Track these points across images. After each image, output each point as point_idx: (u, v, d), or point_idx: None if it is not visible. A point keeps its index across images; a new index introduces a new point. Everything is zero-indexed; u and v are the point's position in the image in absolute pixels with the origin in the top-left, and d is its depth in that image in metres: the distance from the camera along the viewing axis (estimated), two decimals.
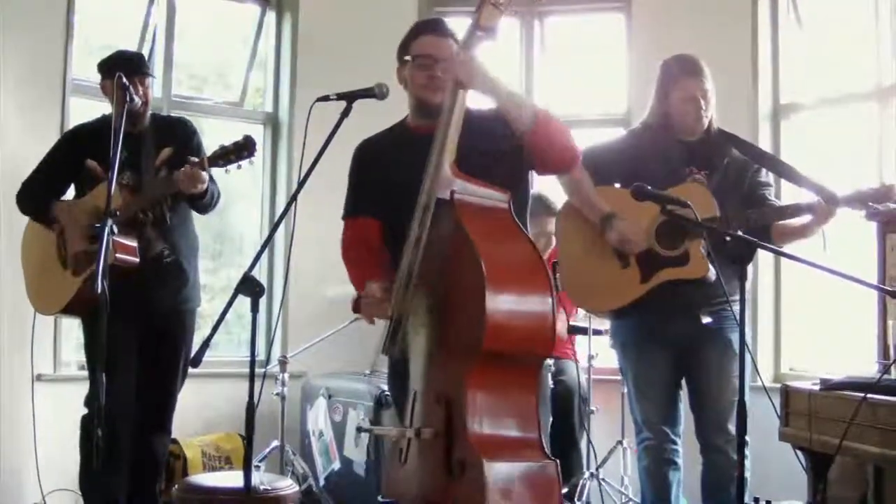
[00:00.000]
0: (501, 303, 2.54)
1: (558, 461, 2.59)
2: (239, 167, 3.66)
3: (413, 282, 2.72)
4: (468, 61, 2.72)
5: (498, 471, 2.47)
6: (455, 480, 2.54)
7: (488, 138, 2.82)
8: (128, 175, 3.86)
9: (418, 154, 2.77)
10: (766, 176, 3.65)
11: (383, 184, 3.04)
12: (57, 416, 4.33)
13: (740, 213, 3.45)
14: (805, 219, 3.44)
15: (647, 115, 3.70)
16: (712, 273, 3.39)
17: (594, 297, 3.75)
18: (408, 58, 2.96)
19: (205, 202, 3.90)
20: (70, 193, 4.08)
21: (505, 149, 2.84)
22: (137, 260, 3.74)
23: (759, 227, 3.45)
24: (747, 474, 3.38)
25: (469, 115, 2.78)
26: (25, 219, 4.12)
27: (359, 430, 3.01)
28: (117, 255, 3.51)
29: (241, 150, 3.62)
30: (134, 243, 3.75)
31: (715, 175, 3.56)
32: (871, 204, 3.35)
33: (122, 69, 3.74)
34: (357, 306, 2.97)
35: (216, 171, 3.75)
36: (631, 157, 3.62)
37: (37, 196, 4.01)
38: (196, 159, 3.65)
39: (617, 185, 3.63)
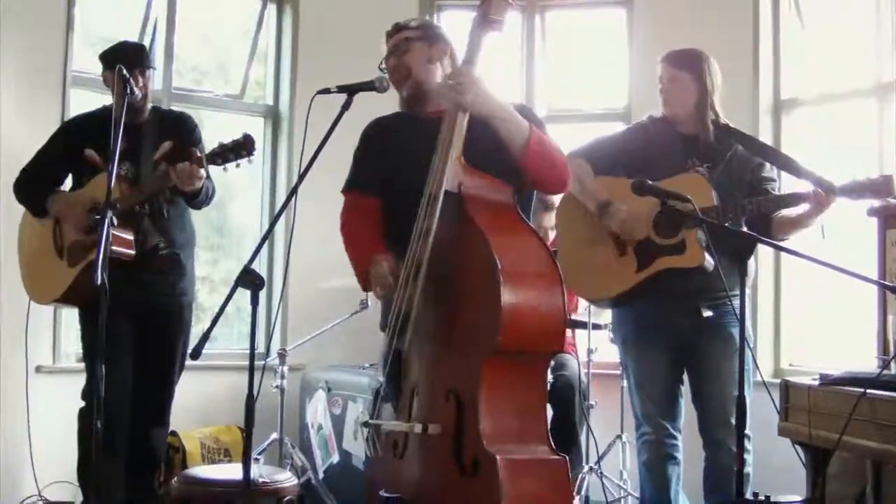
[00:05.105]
0: (517, 298, 2.54)
1: (567, 457, 2.59)
2: (237, 166, 3.63)
3: (422, 274, 2.70)
4: (471, 83, 2.73)
5: (513, 469, 2.46)
6: (467, 478, 2.53)
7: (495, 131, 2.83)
8: (127, 166, 3.86)
9: (426, 135, 2.81)
10: (770, 171, 3.65)
11: (389, 162, 3.06)
12: (56, 407, 4.33)
13: (738, 202, 3.46)
14: (803, 209, 3.45)
15: None
16: (709, 263, 3.39)
17: (590, 285, 3.75)
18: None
19: (199, 199, 3.89)
20: (67, 184, 4.08)
21: None
22: (133, 252, 3.74)
23: (758, 217, 3.46)
24: (749, 469, 3.41)
25: None
26: (24, 209, 4.11)
27: (365, 425, 2.98)
28: (113, 247, 3.47)
29: (240, 148, 3.59)
30: (130, 236, 3.75)
31: (718, 168, 3.57)
32: (869, 195, 3.36)
33: (124, 61, 3.73)
34: (366, 282, 2.98)
35: (213, 168, 3.74)
36: (637, 148, 3.65)
37: (34, 185, 4.00)
38: (197, 155, 3.64)
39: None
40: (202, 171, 3.66)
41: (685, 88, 3.62)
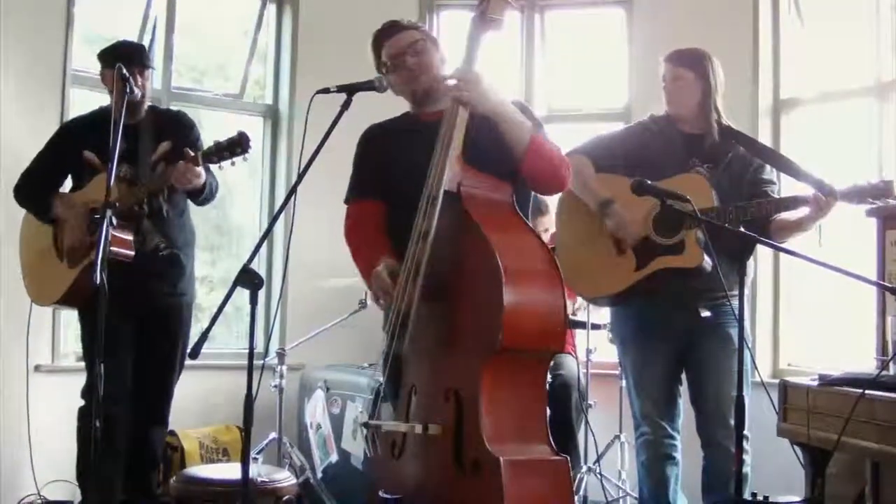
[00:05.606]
0: (519, 297, 2.54)
1: (568, 458, 2.59)
2: (233, 164, 3.63)
3: (421, 275, 2.69)
4: (474, 81, 2.74)
5: (514, 469, 2.46)
6: (468, 478, 2.53)
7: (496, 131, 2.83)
8: (125, 167, 3.85)
9: (426, 139, 2.81)
10: (770, 173, 3.65)
11: (389, 167, 3.05)
12: (55, 406, 4.33)
13: (738, 204, 3.46)
14: (802, 212, 3.45)
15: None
16: (707, 263, 3.39)
17: (588, 283, 3.74)
18: (383, 69, 3.02)
19: (203, 196, 3.89)
20: (67, 186, 4.08)
21: None
22: (132, 254, 3.74)
23: (757, 219, 3.46)
24: (747, 469, 3.40)
25: None
26: (24, 210, 4.11)
27: (365, 426, 2.98)
28: (112, 248, 3.44)
29: (235, 146, 3.57)
30: (129, 237, 3.75)
31: (718, 169, 3.57)
32: (869, 200, 3.36)
33: (123, 60, 3.72)
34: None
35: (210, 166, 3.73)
36: (638, 146, 3.65)
37: (34, 189, 4.00)
38: (192, 154, 3.63)
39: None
40: (199, 170, 3.66)
41: (688, 87, 3.62)
